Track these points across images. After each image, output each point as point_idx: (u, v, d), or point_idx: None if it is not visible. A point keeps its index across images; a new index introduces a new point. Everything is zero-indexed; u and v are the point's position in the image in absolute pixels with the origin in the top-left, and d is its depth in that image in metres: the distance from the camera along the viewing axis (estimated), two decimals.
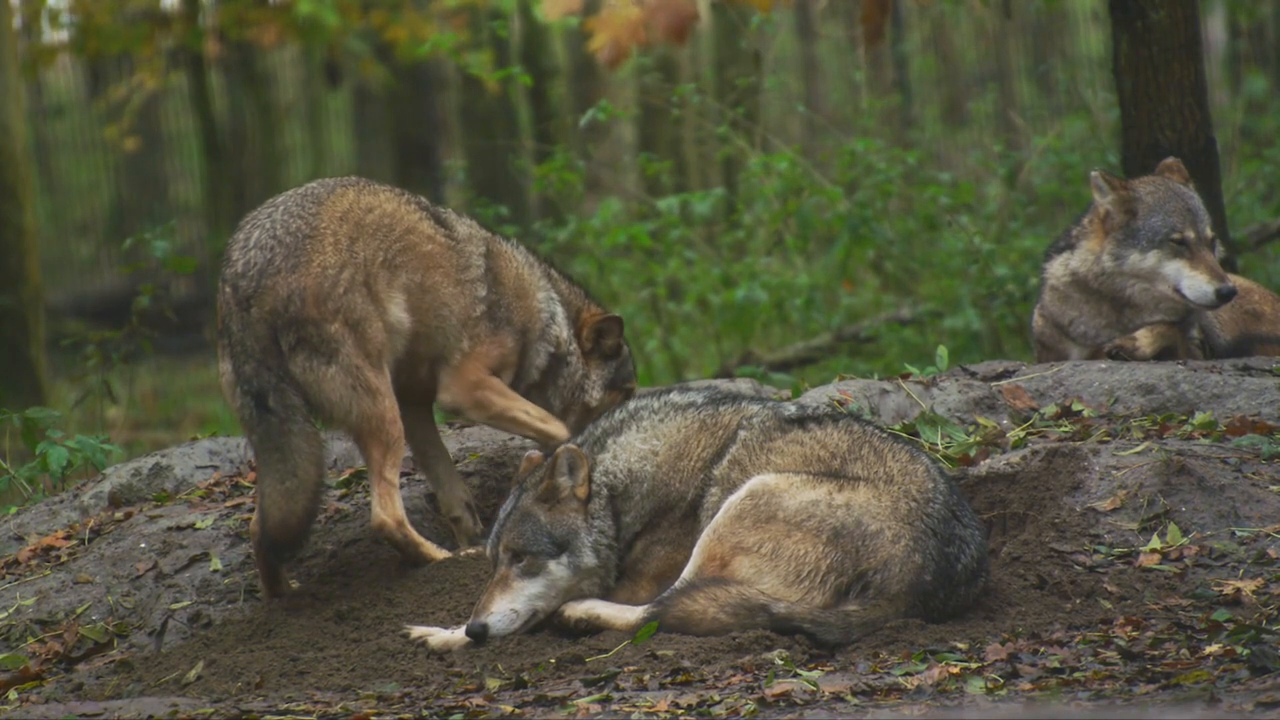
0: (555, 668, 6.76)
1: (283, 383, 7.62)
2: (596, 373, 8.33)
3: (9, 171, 15.88)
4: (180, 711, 6.58)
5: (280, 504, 7.59)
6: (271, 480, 7.59)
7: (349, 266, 7.75)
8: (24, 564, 8.35)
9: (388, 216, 7.90)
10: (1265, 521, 7.38)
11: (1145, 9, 10.62)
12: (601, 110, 15.20)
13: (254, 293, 7.68)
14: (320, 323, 7.67)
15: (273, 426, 7.59)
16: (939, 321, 16.05)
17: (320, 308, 7.68)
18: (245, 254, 7.76)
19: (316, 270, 7.70)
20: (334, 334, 7.68)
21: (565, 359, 8.25)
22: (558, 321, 8.22)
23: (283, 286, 7.67)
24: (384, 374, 7.75)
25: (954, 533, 6.92)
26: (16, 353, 15.77)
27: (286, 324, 7.66)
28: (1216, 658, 6.29)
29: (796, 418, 7.18)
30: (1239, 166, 16.95)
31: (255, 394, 7.62)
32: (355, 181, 8.00)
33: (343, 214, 7.83)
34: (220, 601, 7.90)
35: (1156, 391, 8.60)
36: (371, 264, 7.80)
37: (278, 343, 7.65)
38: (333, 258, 7.74)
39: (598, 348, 8.35)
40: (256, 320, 7.66)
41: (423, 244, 7.93)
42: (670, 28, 9.94)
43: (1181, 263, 9.07)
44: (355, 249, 7.78)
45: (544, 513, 7.10)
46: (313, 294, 7.68)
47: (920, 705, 6.00)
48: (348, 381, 7.67)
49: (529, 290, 8.18)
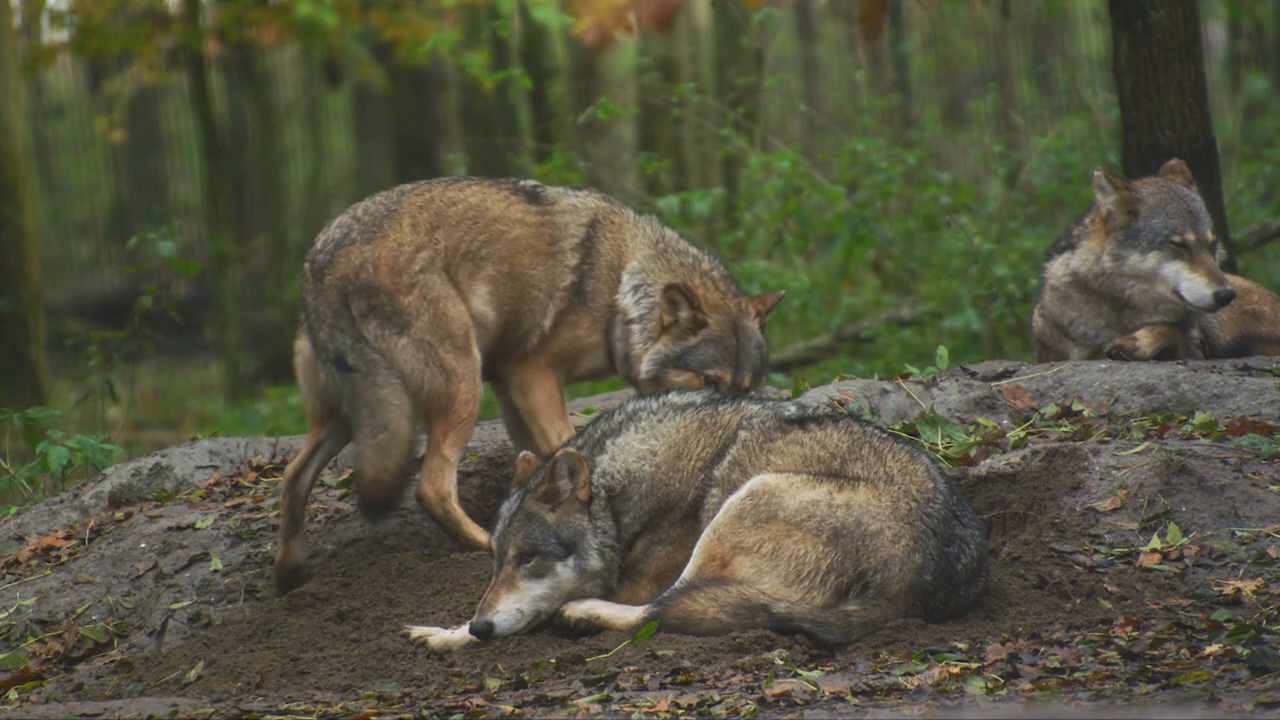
0: (555, 668, 6.76)
1: (358, 342, 7.64)
2: (659, 346, 8.07)
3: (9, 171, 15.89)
4: (180, 711, 6.58)
5: (374, 460, 7.58)
6: (365, 437, 7.58)
7: (426, 249, 7.76)
8: (24, 564, 8.35)
9: (473, 209, 7.89)
10: (1265, 521, 7.38)
11: (1145, 9, 10.62)
12: (601, 109, 15.20)
13: (328, 263, 7.74)
14: (393, 293, 7.68)
15: (358, 383, 7.60)
16: (939, 322, 16.05)
17: (394, 279, 7.69)
18: (325, 235, 7.86)
19: (392, 244, 7.73)
20: (407, 305, 7.68)
21: (628, 329, 8.09)
22: (636, 291, 8.09)
23: (355, 254, 7.72)
24: (465, 357, 7.72)
25: (954, 533, 6.92)
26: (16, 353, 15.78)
27: (357, 290, 7.68)
28: (1216, 658, 6.29)
29: (796, 418, 7.18)
30: (1239, 167, 16.95)
31: (334, 358, 7.65)
32: (444, 178, 8.01)
33: (424, 203, 7.86)
34: (220, 601, 7.90)
35: (1156, 391, 8.60)
36: (453, 253, 7.79)
37: (349, 307, 7.66)
38: (409, 236, 7.76)
39: (677, 320, 8.08)
40: (329, 287, 7.70)
41: (510, 230, 7.91)
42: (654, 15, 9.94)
43: (1181, 265, 9.07)
44: (435, 235, 7.80)
45: (549, 515, 7.10)
46: (386, 264, 7.70)
47: (920, 705, 6.00)
48: (420, 356, 7.66)
49: (624, 260, 8.09)
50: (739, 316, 8.09)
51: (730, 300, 8.11)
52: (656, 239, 8.13)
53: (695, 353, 8.05)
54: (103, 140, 24.71)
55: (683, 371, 8.04)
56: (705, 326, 8.05)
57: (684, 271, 8.08)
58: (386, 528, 8.12)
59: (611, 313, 8.06)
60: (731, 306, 8.10)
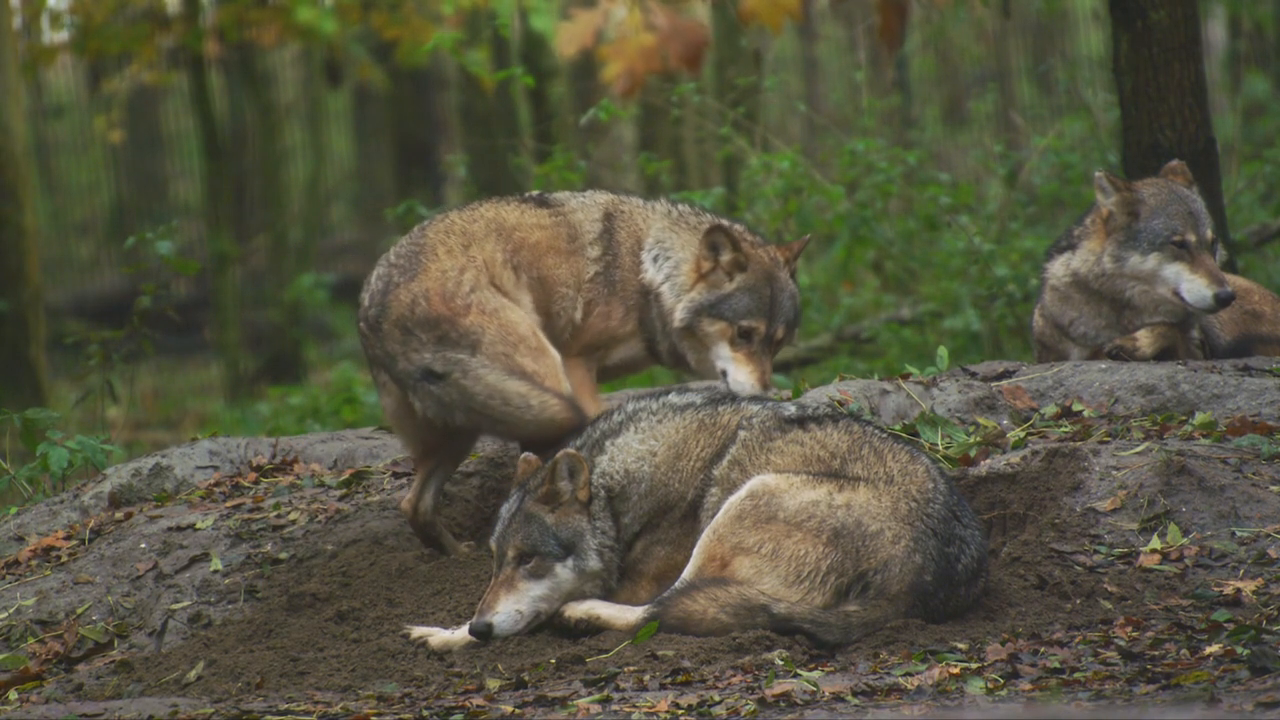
0: (555, 668, 6.76)
1: (438, 351, 7.63)
2: (693, 294, 8.01)
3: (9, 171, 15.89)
4: (180, 711, 6.58)
5: (536, 427, 7.56)
6: (512, 419, 7.55)
7: (469, 269, 7.77)
8: (24, 564, 8.35)
9: (493, 223, 7.91)
10: (1265, 521, 7.38)
11: (1145, 9, 10.62)
12: (602, 110, 15.20)
13: (381, 311, 7.74)
14: (453, 318, 7.68)
15: (460, 382, 7.60)
16: (939, 322, 16.05)
17: (449, 304, 7.70)
18: (367, 291, 7.85)
19: (435, 274, 7.74)
20: (471, 326, 7.68)
21: (659, 294, 8.04)
22: (656, 260, 8.02)
23: (404, 294, 7.73)
24: (544, 355, 7.69)
25: (954, 533, 6.92)
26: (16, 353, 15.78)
27: (417, 324, 7.69)
28: (1216, 658, 6.29)
29: (796, 418, 7.18)
30: (1239, 167, 16.95)
31: (422, 374, 7.65)
32: (453, 209, 8.01)
33: (447, 228, 7.88)
34: (220, 601, 7.90)
35: (1157, 392, 8.60)
36: (492, 264, 7.80)
37: (416, 336, 7.66)
38: (448, 261, 7.77)
39: (716, 265, 8.00)
40: (389, 331, 7.72)
41: (532, 234, 7.93)
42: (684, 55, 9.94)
43: (1181, 266, 9.07)
44: (471, 253, 7.80)
45: (549, 515, 7.10)
46: (436, 293, 7.71)
47: (920, 705, 6.00)
48: (498, 368, 7.65)
49: (642, 241, 8.05)
50: (771, 267, 8.05)
51: (760, 250, 8.08)
52: (667, 212, 8.13)
53: (730, 301, 8.01)
54: (102, 140, 24.71)
55: (717, 320, 8.01)
56: (745, 270, 7.98)
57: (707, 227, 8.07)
58: (386, 528, 8.12)
59: (643, 297, 8.05)
60: (764, 256, 8.06)
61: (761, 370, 7.96)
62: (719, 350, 8.02)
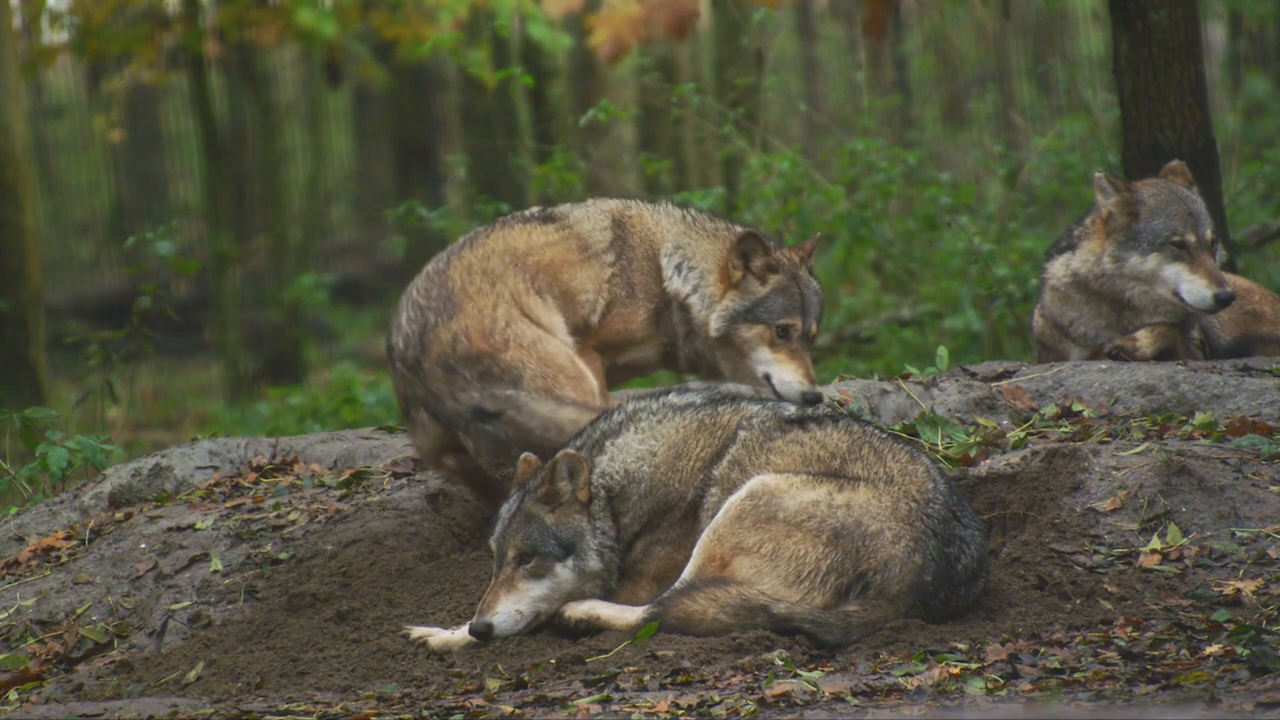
0: (555, 668, 6.76)
1: (483, 388, 7.66)
2: (725, 303, 7.99)
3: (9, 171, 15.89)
4: (180, 712, 6.58)
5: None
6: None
7: (501, 303, 7.77)
8: (24, 564, 8.35)
9: (506, 253, 7.90)
10: (1265, 522, 7.38)
11: (1145, 9, 10.62)
12: (602, 111, 15.20)
13: (420, 352, 7.75)
14: (494, 354, 7.70)
15: (514, 419, 7.62)
16: (939, 322, 16.05)
17: (489, 341, 7.72)
18: (400, 334, 7.84)
19: (472, 312, 7.75)
20: (511, 361, 7.69)
21: (686, 305, 8.02)
22: (680, 271, 8.00)
23: (444, 333, 7.74)
24: (582, 381, 7.71)
25: (954, 533, 6.92)
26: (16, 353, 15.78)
27: (459, 361, 7.71)
28: (1216, 658, 6.29)
29: (796, 418, 7.18)
30: (1239, 167, 16.95)
31: (474, 414, 7.69)
32: (456, 246, 7.99)
33: (467, 269, 7.86)
34: (220, 602, 7.90)
35: (1157, 392, 8.60)
36: (519, 296, 7.80)
37: (460, 374, 7.68)
38: (481, 300, 7.78)
39: (748, 272, 7.98)
40: (430, 370, 7.73)
41: (544, 254, 7.92)
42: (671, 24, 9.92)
43: (1181, 266, 9.07)
44: (498, 289, 7.80)
45: (549, 516, 7.11)
46: (475, 331, 7.73)
47: (920, 705, 6.00)
48: (541, 400, 7.67)
49: (657, 246, 8.03)
50: (792, 266, 8.06)
51: (780, 252, 8.09)
52: (681, 216, 8.12)
53: (766, 304, 7.97)
54: (102, 140, 24.71)
55: (754, 325, 7.96)
56: (776, 273, 7.97)
57: (727, 235, 8.05)
58: (386, 528, 8.12)
59: (664, 302, 8.05)
60: (784, 258, 8.07)
61: (806, 367, 7.93)
62: (759, 355, 7.99)
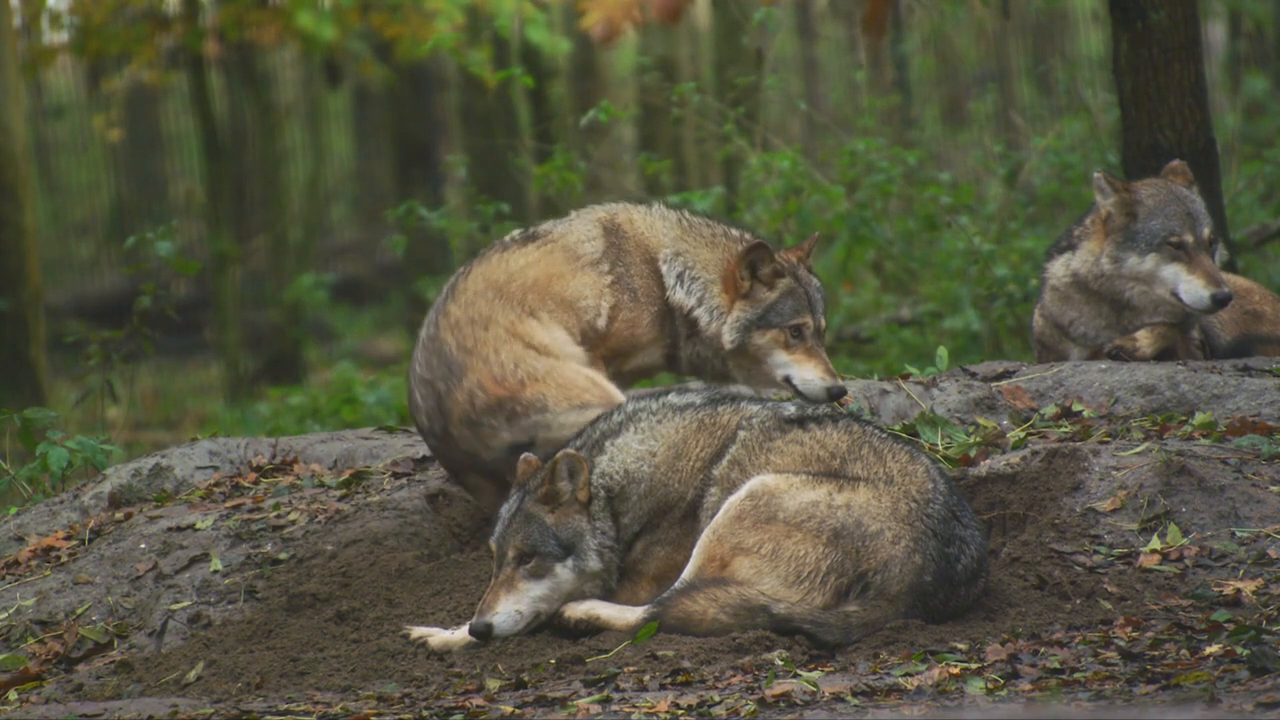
0: (555, 668, 6.76)
1: (514, 424, 7.69)
2: (736, 314, 8.00)
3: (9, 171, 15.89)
4: (180, 712, 6.58)
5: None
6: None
7: (504, 343, 7.78)
8: (24, 564, 8.35)
9: (488, 288, 7.89)
10: (1265, 522, 7.38)
11: (1145, 9, 10.62)
12: (603, 111, 15.20)
13: (444, 422, 7.80)
14: (514, 397, 7.73)
15: (543, 439, 7.68)
16: (939, 322, 16.05)
17: (503, 386, 7.75)
18: (420, 413, 7.89)
19: (478, 365, 7.77)
20: (532, 397, 7.72)
21: (692, 318, 8.03)
22: (681, 280, 7.99)
23: (460, 394, 7.78)
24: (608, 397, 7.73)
25: (954, 533, 6.92)
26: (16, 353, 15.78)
27: (482, 414, 7.76)
28: (1216, 658, 6.29)
29: (796, 418, 7.18)
30: (1239, 167, 16.95)
31: (509, 450, 7.71)
32: (439, 302, 7.97)
33: (455, 326, 7.87)
34: (220, 602, 7.90)
35: (1156, 392, 8.60)
36: (514, 328, 7.81)
37: (486, 425, 7.71)
38: (482, 350, 7.79)
39: (755, 280, 8.00)
40: (459, 434, 7.79)
41: (528, 274, 7.92)
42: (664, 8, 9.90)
43: (1179, 266, 9.07)
44: (492, 331, 7.80)
45: (549, 516, 7.11)
46: (489, 380, 7.75)
47: (920, 705, 6.00)
48: (571, 411, 7.69)
49: (654, 250, 8.02)
50: (792, 267, 8.07)
51: (781, 255, 8.10)
52: (677, 220, 8.12)
53: (776, 308, 8.00)
54: (102, 140, 24.71)
55: (768, 330, 7.98)
56: (783, 277, 7.99)
57: (725, 243, 8.06)
58: (386, 528, 8.12)
59: (668, 308, 8.04)
60: (786, 261, 8.09)
61: (824, 363, 7.96)
62: (775, 358, 8.00)
